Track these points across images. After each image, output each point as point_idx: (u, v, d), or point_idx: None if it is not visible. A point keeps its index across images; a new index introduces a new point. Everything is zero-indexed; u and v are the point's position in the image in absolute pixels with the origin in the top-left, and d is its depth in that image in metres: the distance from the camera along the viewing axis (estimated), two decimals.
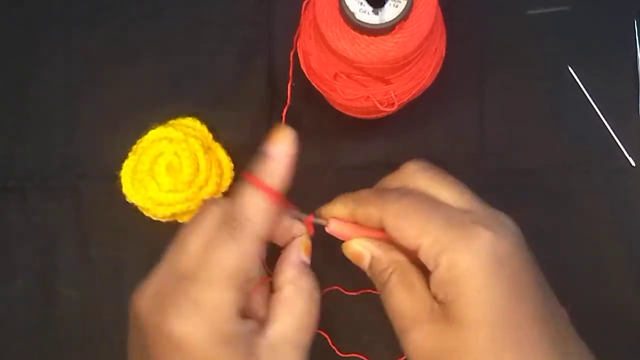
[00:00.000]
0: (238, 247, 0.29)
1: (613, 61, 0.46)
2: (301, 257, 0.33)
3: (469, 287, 0.28)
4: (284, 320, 0.30)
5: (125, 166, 0.43)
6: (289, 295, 0.31)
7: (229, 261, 0.29)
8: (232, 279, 0.28)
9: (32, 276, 0.44)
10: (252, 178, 0.30)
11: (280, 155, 0.31)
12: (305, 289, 0.32)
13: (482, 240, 0.28)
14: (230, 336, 0.28)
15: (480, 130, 0.45)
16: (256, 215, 0.30)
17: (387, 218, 0.31)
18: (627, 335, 0.43)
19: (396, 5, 0.33)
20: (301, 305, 0.31)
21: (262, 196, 0.30)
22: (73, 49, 0.47)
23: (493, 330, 0.27)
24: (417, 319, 0.29)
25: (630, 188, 0.44)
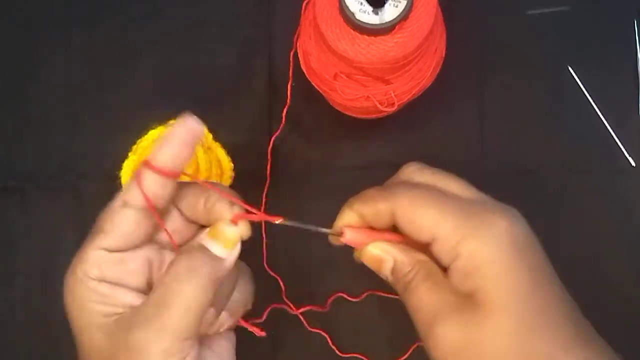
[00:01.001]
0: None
1: (613, 61, 0.46)
2: (200, 240, 0.31)
3: (492, 275, 0.28)
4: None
5: (125, 166, 0.43)
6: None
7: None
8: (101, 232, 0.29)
9: (32, 276, 0.44)
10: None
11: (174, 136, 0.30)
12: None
13: (499, 227, 0.28)
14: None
15: (480, 130, 0.45)
16: (128, 186, 0.30)
17: (400, 210, 0.30)
18: (627, 334, 0.43)
19: (396, 5, 0.34)
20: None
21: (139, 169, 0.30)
22: (73, 49, 0.47)
23: (520, 315, 0.27)
24: (441, 312, 0.28)
25: (630, 188, 0.44)
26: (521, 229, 0.29)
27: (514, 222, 0.29)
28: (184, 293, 0.28)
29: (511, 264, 0.28)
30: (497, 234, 0.28)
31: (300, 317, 0.43)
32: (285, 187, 0.44)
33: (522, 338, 0.27)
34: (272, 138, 0.44)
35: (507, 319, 0.27)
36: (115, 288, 0.29)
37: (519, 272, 0.28)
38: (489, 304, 0.27)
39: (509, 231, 0.28)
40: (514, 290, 0.27)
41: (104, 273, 0.29)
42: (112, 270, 0.29)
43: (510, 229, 0.29)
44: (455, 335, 0.28)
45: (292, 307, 0.43)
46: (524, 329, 0.27)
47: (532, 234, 0.30)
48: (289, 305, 0.43)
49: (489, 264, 0.28)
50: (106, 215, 0.30)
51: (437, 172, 0.32)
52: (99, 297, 0.28)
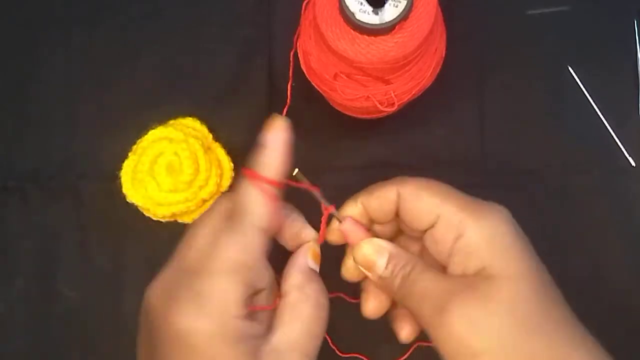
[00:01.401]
0: (238, 238, 0.29)
1: (613, 61, 0.46)
2: (308, 262, 0.33)
3: (502, 247, 0.29)
4: (290, 327, 0.30)
5: (125, 166, 0.43)
6: (295, 301, 0.31)
7: (230, 253, 0.29)
8: (234, 270, 0.28)
9: (32, 276, 0.44)
10: (247, 171, 0.31)
11: (274, 144, 0.31)
12: (311, 295, 0.31)
13: (498, 209, 0.30)
14: (235, 335, 0.28)
15: (480, 130, 0.45)
16: (253, 206, 0.30)
17: (406, 192, 0.31)
18: (627, 335, 0.43)
19: (396, 5, 0.33)
20: (308, 311, 0.31)
21: (258, 187, 0.30)
22: (73, 49, 0.47)
23: (536, 284, 0.28)
24: (453, 291, 0.29)
25: (630, 188, 0.44)
26: (513, 218, 0.31)
27: (507, 212, 0.31)
28: (303, 336, 0.31)
29: (514, 239, 0.29)
30: (497, 214, 0.30)
31: None
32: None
33: (540, 304, 0.28)
34: None
35: (524, 287, 0.28)
36: (246, 322, 0.29)
37: (524, 248, 0.29)
38: (502, 275, 0.28)
39: (505, 213, 0.30)
40: (523, 261, 0.29)
41: (243, 310, 0.29)
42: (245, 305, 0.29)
43: (505, 211, 0.30)
44: (474, 308, 0.28)
45: None
46: (540, 296, 0.28)
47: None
48: None
49: (496, 239, 0.29)
50: (242, 241, 0.30)
51: (424, 177, 0.34)
52: (240, 339, 0.28)
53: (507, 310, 0.27)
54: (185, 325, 0.27)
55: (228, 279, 0.28)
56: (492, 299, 0.28)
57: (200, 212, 0.43)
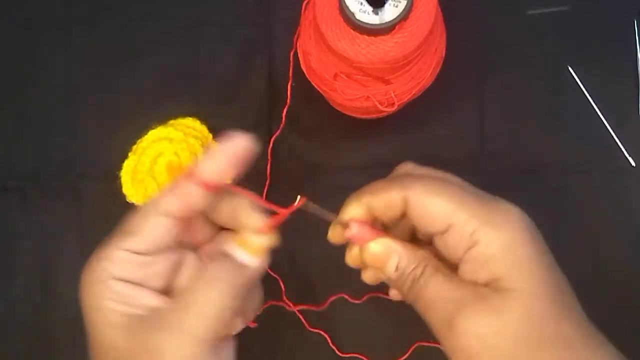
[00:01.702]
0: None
1: (613, 61, 0.46)
2: (228, 249, 0.31)
3: (515, 260, 0.27)
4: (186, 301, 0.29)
5: (125, 166, 0.43)
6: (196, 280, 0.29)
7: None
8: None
9: (32, 276, 0.44)
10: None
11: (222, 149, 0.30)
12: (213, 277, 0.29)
13: (514, 215, 0.28)
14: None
15: (480, 130, 0.45)
16: (163, 193, 0.30)
17: (414, 197, 0.29)
18: (627, 335, 0.43)
19: (396, 5, 0.33)
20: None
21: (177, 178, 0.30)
22: (73, 49, 0.47)
23: (547, 299, 0.27)
24: (463, 302, 0.28)
25: (630, 188, 0.44)
26: (529, 219, 0.29)
27: (523, 213, 0.29)
28: (209, 300, 0.28)
29: (531, 251, 0.28)
30: (514, 222, 0.28)
31: (300, 317, 0.43)
32: (285, 187, 0.44)
33: (552, 320, 0.27)
34: (272, 138, 0.44)
35: (537, 304, 0.27)
36: (136, 289, 0.29)
37: (538, 258, 0.28)
38: (516, 289, 0.27)
39: (524, 219, 0.29)
40: (542, 274, 0.28)
41: (128, 274, 0.29)
42: (136, 272, 0.29)
43: (524, 217, 0.29)
44: (482, 323, 0.27)
45: (291, 305, 0.43)
46: (553, 312, 0.27)
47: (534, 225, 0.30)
48: (287, 304, 0.43)
49: (510, 250, 0.27)
50: (137, 218, 0.30)
51: (433, 169, 0.32)
52: (118, 296, 0.28)
53: (518, 327, 0.27)
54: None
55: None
56: (503, 314, 0.27)
57: None
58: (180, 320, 0.27)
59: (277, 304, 0.43)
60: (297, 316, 0.43)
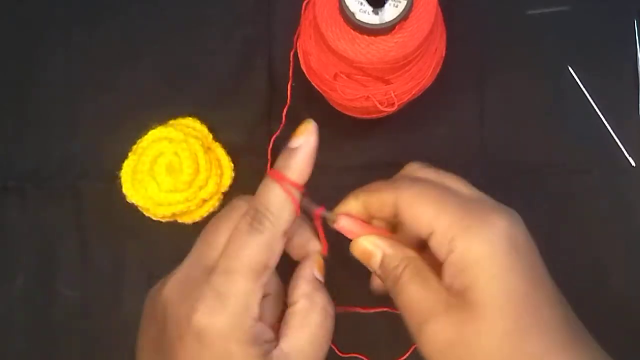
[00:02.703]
0: (260, 239, 0.29)
1: (613, 61, 0.46)
2: (315, 273, 0.33)
3: (486, 272, 0.27)
4: (298, 334, 0.30)
5: (125, 166, 0.43)
6: (304, 310, 0.31)
7: (251, 252, 0.29)
8: (254, 270, 0.29)
9: (32, 276, 0.44)
10: (274, 173, 0.31)
11: (305, 148, 0.31)
12: (319, 304, 0.32)
13: (498, 226, 0.28)
14: (250, 336, 0.28)
15: (480, 130, 0.45)
16: (278, 208, 0.30)
17: (402, 201, 0.30)
18: (627, 335, 0.43)
19: (396, 5, 0.33)
20: (316, 319, 0.31)
21: (284, 189, 0.30)
22: (73, 49, 0.47)
23: (514, 315, 0.27)
24: (432, 311, 0.28)
25: (630, 188, 0.44)
26: (519, 230, 0.29)
27: (513, 223, 0.29)
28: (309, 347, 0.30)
29: (507, 263, 0.28)
30: (494, 232, 0.28)
31: None
32: None
33: (515, 339, 0.27)
34: (272, 138, 0.44)
35: (500, 320, 0.27)
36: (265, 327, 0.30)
37: (514, 272, 0.28)
38: (482, 302, 0.27)
39: (507, 231, 0.28)
40: (509, 289, 0.27)
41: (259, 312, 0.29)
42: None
43: (508, 228, 0.28)
44: (445, 334, 0.27)
45: None
46: (517, 330, 0.27)
47: (529, 236, 0.30)
48: None
49: (484, 261, 0.27)
50: (267, 243, 0.30)
51: (439, 170, 0.33)
52: (257, 340, 0.29)
53: (480, 342, 0.27)
54: (204, 323, 0.28)
55: (248, 280, 0.28)
56: (467, 329, 0.27)
57: (200, 212, 0.43)
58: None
59: None
60: None
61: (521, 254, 0.28)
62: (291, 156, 0.31)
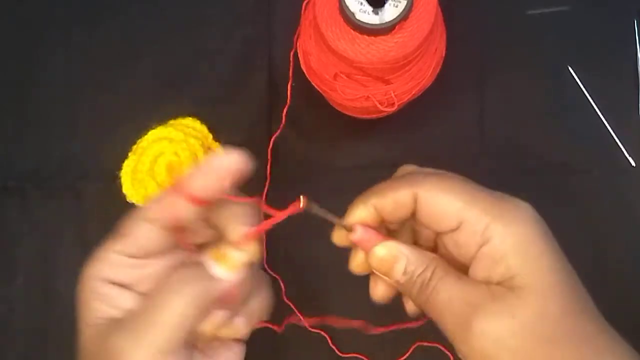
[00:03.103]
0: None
1: (613, 61, 0.46)
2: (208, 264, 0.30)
3: (530, 256, 0.27)
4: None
5: (125, 166, 0.43)
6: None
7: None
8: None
9: (32, 276, 0.44)
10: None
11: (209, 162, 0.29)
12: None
13: (525, 211, 0.28)
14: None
15: (480, 130, 0.45)
16: (152, 201, 0.30)
17: (425, 194, 0.28)
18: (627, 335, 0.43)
19: (396, 5, 0.34)
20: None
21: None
22: (73, 49, 0.47)
23: (567, 295, 0.27)
24: (479, 304, 0.27)
25: (630, 188, 0.44)
26: (538, 214, 0.29)
27: (532, 208, 0.29)
28: (170, 308, 0.27)
29: (546, 247, 0.27)
30: (525, 217, 0.28)
31: (300, 317, 0.43)
32: (285, 187, 0.44)
33: (571, 318, 0.27)
34: (272, 138, 0.44)
35: (556, 300, 0.26)
36: (120, 290, 0.29)
37: (554, 254, 0.28)
38: (533, 286, 0.26)
39: (534, 214, 0.28)
40: (557, 270, 0.27)
41: (118, 276, 0.29)
42: (126, 274, 0.29)
43: (534, 212, 0.28)
44: (500, 325, 0.26)
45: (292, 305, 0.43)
46: (572, 310, 0.27)
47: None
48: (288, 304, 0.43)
49: (526, 245, 0.27)
50: (129, 222, 0.30)
51: (435, 170, 0.32)
52: (100, 296, 0.29)
53: (535, 326, 0.26)
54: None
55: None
56: (520, 314, 0.26)
57: None
58: (140, 326, 0.27)
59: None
60: (297, 316, 0.43)
61: (550, 237, 0.28)
62: (197, 167, 0.29)
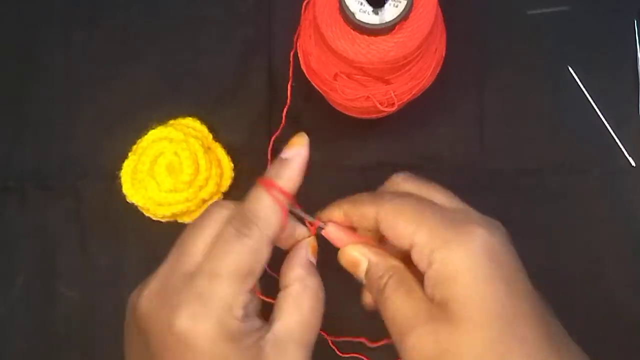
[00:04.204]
0: (247, 244, 0.29)
1: (613, 61, 0.46)
2: (309, 256, 0.33)
3: (465, 284, 0.27)
4: (291, 317, 0.30)
5: (125, 166, 0.43)
6: (296, 293, 0.31)
7: (237, 256, 0.29)
8: (239, 274, 0.28)
9: (32, 276, 0.44)
10: (264, 181, 0.31)
11: (296, 159, 0.31)
12: (312, 287, 0.31)
13: (476, 237, 0.28)
14: (236, 332, 0.28)
15: (480, 130, 0.45)
16: (267, 214, 0.30)
17: (383, 215, 0.30)
18: (626, 335, 0.43)
19: (396, 5, 0.33)
20: (308, 302, 0.31)
21: (273, 197, 0.30)
22: (73, 49, 0.47)
23: (494, 328, 0.27)
24: (415, 322, 0.28)
25: (630, 188, 0.44)
26: (499, 240, 0.29)
27: (493, 233, 0.29)
28: (304, 329, 0.30)
29: (485, 275, 0.28)
30: (473, 244, 0.28)
31: None
32: None
33: (497, 351, 0.27)
34: (272, 138, 0.44)
35: (481, 331, 0.27)
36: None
37: (493, 283, 0.28)
38: (462, 314, 0.27)
39: (487, 240, 0.28)
40: (489, 301, 0.27)
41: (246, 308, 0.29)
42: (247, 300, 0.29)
43: (488, 238, 0.28)
44: (428, 345, 0.27)
45: None
46: (499, 342, 0.27)
47: (510, 246, 0.30)
48: None
49: (463, 273, 0.27)
50: (250, 258, 0.29)
51: (423, 182, 0.33)
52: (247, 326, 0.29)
53: (460, 355, 0.27)
54: (187, 327, 0.27)
55: (233, 283, 0.28)
56: (447, 341, 0.27)
57: (201, 212, 0.43)
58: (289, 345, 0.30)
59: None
60: None
61: (501, 265, 0.28)
62: (282, 166, 0.31)
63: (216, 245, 0.29)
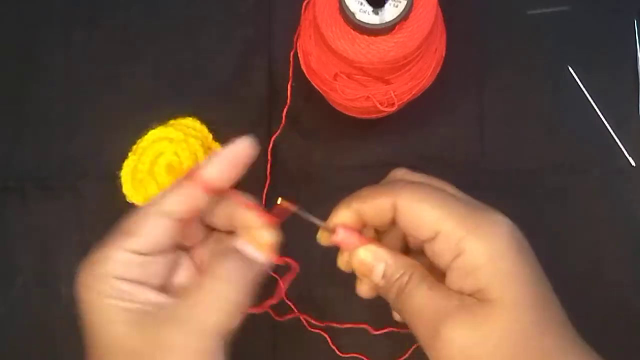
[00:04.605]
0: (142, 212, 0.30)
1: (613, 61, 0.46)
2: (240, 245, 0.31)
3: (501, 270, 0.27)
4: (193, 300, 0.29)
5: (125, 166, 0.43)
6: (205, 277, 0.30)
7: (128, 219, 0.30)
8: (122, 232, 0.30)
9: (32, 276, 0.44)
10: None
11: (222, 151, 0.31)
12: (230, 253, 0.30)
13: (503, 224, 0.28)
14: (111, 290, 0.29)
15: (480, 130, 0.45)
16: (170, 192, 0.30)
17: (402, 205, 0.29)
18: (626, 334, 0.43)
19: (396, 5, 0.33)
20: (228, 265, 0.30)
21: (186, 181, 0.30)
22: (73, 49, 0.47)
23: (532, 311, 0.27)
24: (448, 313, 0.28)
25: (630, 188, 0.44)
26: (519, 232, 0.29)
27: (514, 225, 0.29)
28: (221, 295, 0.28)
29: (518, 261, 0.28)
30: (503, 232, 0.28)
31: (300, 317, 0.43)
32: (285, 187, 0.44)
33: (536, 334, 0.27)
34: (272, 138, 0.44)
35: (520, 316, 0.27)
36: (137, 286, 0.29)
37: (526, 269, 0.28)
38: (500, 300, 0.27)
39: (512, 228, 0.28)
40: (526, 285, 0.27)
41: (128, 273, 0.29)
42: (136, 271, 0.29)
43: (511, 227, 0.29)
44: (465, 334, 0.27)
45: (292, 306, 0.43)
46: (537, 325, 0.27)
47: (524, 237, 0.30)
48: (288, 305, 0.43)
49: (497, 259, 0.27)
50: (137, 219, 0.30)
51: (424, 175, 0.32)
52: (121, 294, 0.29)
53: (500, 339, 0.27)
54: (82, 281, 0.31)
55: (115, 247, 0.30)
56: (486, 326, 0.27)
57: None
58: (191, 315, 0.28)
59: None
60: (297, 316, 0.43)
61: (525, 253, 0.28)
62: (210, 157, 0.31)
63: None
